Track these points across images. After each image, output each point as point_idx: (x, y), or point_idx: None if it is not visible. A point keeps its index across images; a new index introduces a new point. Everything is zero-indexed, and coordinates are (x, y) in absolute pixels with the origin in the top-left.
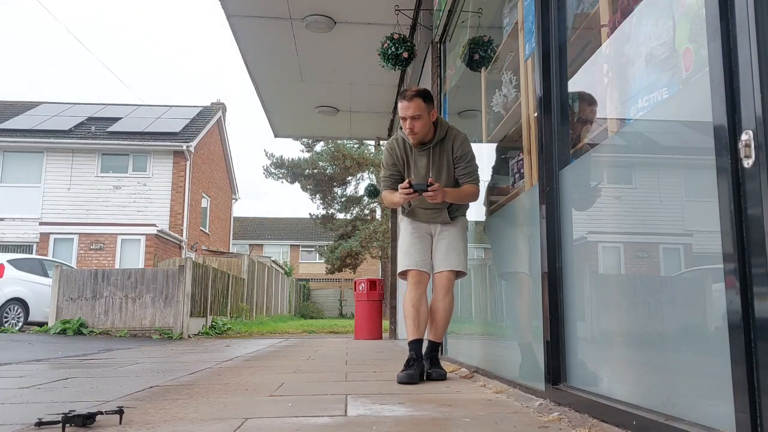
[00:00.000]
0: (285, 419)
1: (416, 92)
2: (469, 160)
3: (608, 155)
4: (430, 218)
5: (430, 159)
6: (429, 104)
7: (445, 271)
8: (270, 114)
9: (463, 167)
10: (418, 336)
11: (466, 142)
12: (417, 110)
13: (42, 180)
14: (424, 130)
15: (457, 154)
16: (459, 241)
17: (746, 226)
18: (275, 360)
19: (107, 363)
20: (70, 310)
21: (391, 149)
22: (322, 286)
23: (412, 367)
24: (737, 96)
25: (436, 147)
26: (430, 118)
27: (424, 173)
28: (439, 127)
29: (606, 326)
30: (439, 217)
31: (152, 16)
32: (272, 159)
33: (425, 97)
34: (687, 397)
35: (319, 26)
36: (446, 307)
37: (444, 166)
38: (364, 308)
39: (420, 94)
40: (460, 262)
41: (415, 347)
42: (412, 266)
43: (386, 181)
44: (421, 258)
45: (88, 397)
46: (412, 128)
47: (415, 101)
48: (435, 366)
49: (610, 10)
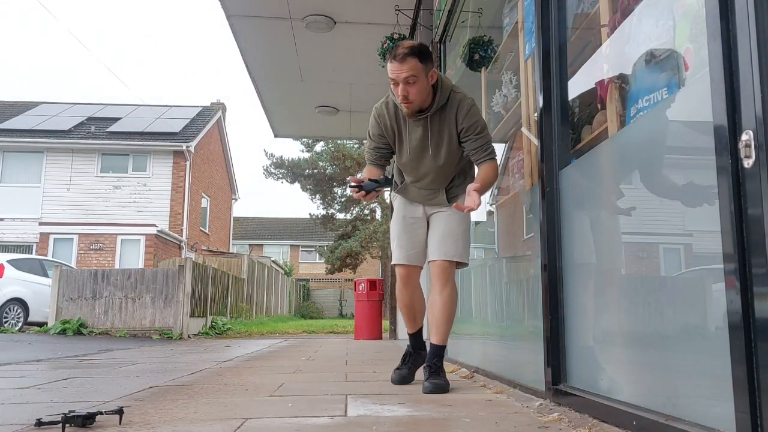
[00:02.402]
0: (285, 419)
1: (410, 49)
2: (480, 131)
3: (608, 155)
4: (425, 199)
5: (427, 131)
6: (427, 63)
7: (438, 261)
8: (270, 114)
9: (473, 140)
10: (414, 328)
11: (474, 108)
12: (412, 71)
13: (42, 180)
14: (421, 96)
15: (463, 125)
16: (457, 225)
17: (746, 226)
18: (275, 360)
19: (107, 363)
20: (70, 311)
21: (378, 116)
22: (322, 286)
23: (406, 364)
24: (737, 96)
25: (436, 115)
26: (429, 80)
27: (419, 148)
28: (439, 91)
29: (606, 326)
30: (435, 198)
31: (152, 16)
32: (272, 159)
33: (422, 55)
34: (687, 397)
35: (319, 26)
36: (445, 303)
37: (445, 139)
38: (364, 308)
39: (415, 52)
40: (456, 251)
41: (412, 339)
42: (401, 261)
43: (370, 154)
44: (413, 250)
45: (88, 397)
46: (406, 95)
47: (409, 61)
48: (434, 375)
49: (610, 10)
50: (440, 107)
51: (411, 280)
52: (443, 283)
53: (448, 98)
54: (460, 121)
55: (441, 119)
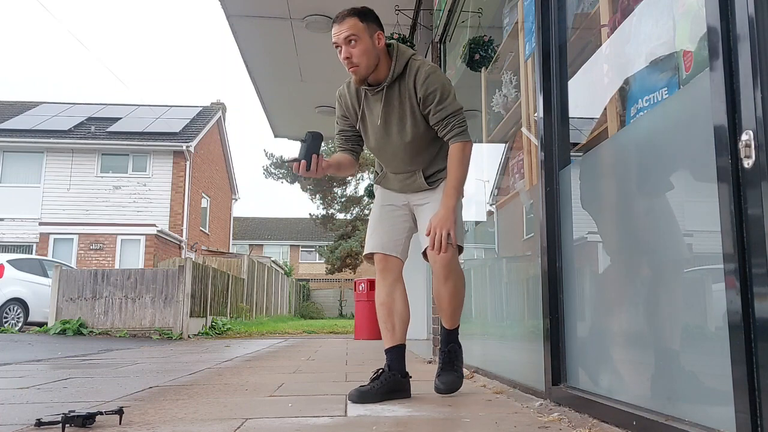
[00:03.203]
0: (285, 419)
1: (350, 9)
2: (440, 101)
3: (608, 155)
4: (405, 186)
5: (387, 104)
6: (370, 24)
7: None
8: (270, 114)
9: (433, 113)
10: (393, 342)
11: (433, 76)
12: (351, 30)
13: (42, 180)
14: (367, 59)
15: (420, 93)
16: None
17: (746, 226)
18: (275, 360)
19: (107, 363)
20: (70, 311)
21: (340, 96)
22: (322, 286)
23: (375, 381)
24: (737, 96)
25: (394, 87)
26: (375, 43)
27: (382, 125)
28: (395, 60)
29: (606, 326)
30: (414, 183)
31: (152, 16)
32: (272, 159)
33: (362, 15)
34: (687, 397)
35: (319, 26)
36: (451, 292)
37: (407, 114)
38: (364, 308)
39: (355, 11)
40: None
41: (389, 356)
42: (375, 249)
43: (337, 141)
44: (389, 238)
45: (87, 397)
46: (348, 57)
47: (348, 20)
48: (447, 369)
49: (610, 10)
50: (397, 78)
51: (389, 273)
52: (446, 273)
53: (406, 66)
54: (417, 91)
55: (401, 91)
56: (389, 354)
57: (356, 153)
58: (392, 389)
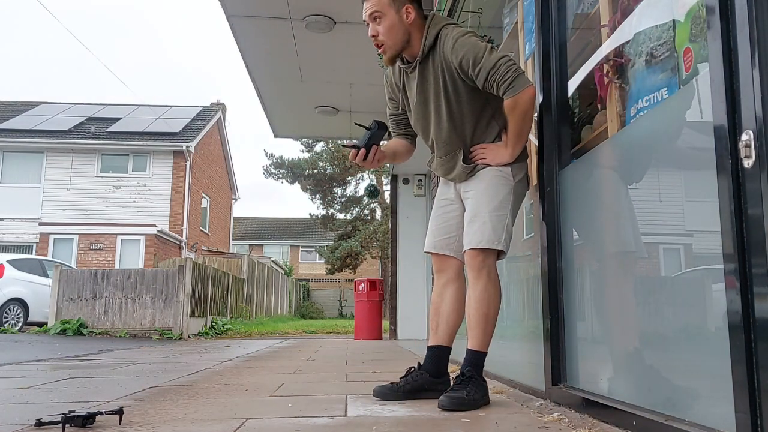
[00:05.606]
0: (285, 419)
1: None
2: (475, 62)
3: (608, 156)
4: (447, 170)
5: (423, 81)
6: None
7: (467, 250)
8: (270, 114)
9: (477, 77)
10: (434, 342)
11: (461, 39)
12: (375, 6)
13: (42, 180)
14: (393, 36)
15: (455, 63)
16: (486, 203)
17: (746, 226)
18: (275, 360)
19: (107, 363)
20: (70, 311)
21: (386, 78)
22: (322, 286)
23: (402, 378)
24: (737, 96)
25: (428, 61)
26: (404, 17)
27: (420, 103)
28: (426, 32)
29: (606, 326)
30: (454, 168)
31: (152, 16)
32: (272, 159)
33: None
34: (687, 397)
35: (319, 26)
36: (478, 299)
37: (444, 87)
38: (364, 308)
39: None
40: (483, 236)
41: (427, 354)
42: (428, 248)
43: (391, 126)
44: (441, 236)
45: (88, 397)
46: (374, 35)
47: None
48: (457, 386)
49: (610, 10)
50: (430, 51)
51: (442, 273)
52: (474, 278)
53: (436, 38)
54: (452, 61)
55: (434, 65)
56: (427, 352)
57: (411, 136)
58: (418, 388)
